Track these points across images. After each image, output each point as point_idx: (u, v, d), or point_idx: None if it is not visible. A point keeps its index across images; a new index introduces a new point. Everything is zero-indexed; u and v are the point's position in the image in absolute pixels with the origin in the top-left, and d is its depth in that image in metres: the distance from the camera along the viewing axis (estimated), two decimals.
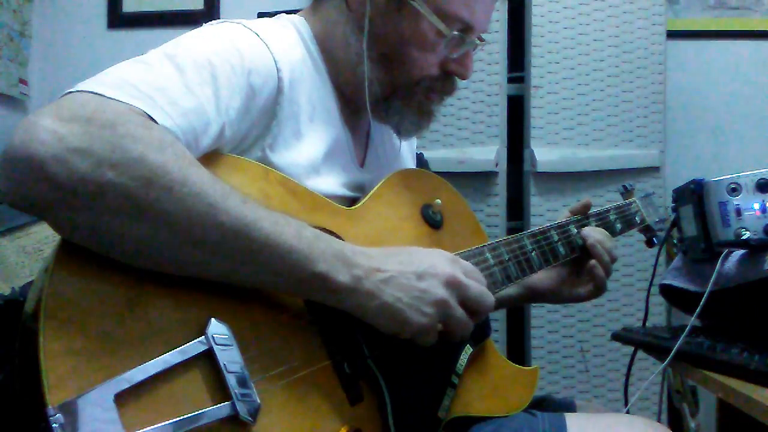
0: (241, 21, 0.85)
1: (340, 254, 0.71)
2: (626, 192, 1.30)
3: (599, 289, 1.11)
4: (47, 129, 0.58)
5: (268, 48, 0.82)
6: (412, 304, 0.73)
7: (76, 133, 0.59)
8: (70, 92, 0.64)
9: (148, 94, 0.67)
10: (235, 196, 0.66)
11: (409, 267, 0.75)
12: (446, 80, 0.93)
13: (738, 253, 1.04)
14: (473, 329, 0.81)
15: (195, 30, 0.82)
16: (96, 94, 0.64)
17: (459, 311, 0.77)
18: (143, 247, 0.62)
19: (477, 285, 0.79)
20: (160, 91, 0.68)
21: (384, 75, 0.90)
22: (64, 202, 0.59)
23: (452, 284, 0.76)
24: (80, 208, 0.59)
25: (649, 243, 1.32)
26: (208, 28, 0.83)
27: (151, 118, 0.65)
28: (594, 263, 1.09)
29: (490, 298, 0.80)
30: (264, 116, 0.82)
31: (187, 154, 0.66)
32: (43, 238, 1.44)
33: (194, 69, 0.73)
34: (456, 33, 0.88)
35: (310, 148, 0.87)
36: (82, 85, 0.65)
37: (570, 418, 0.89)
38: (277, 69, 0.82)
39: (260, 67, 0.80)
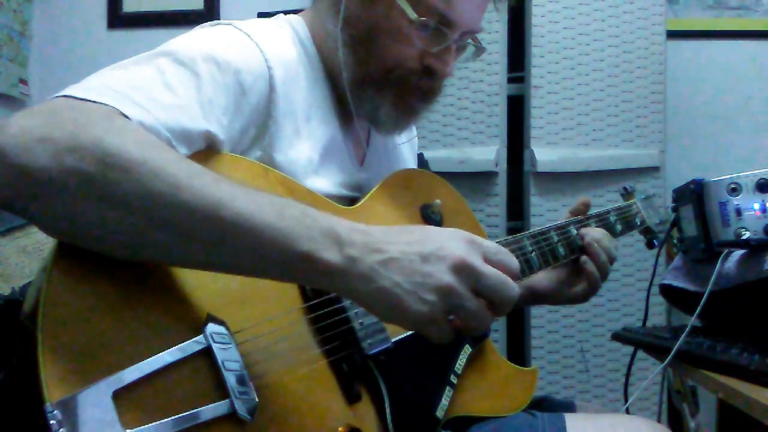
0: (233, 22, 0.85)
1: (330, 232, 0.64)
2: (627, 193, 1.30)
3: (593, 287, 1.10)
4: (15, 124, 0.59)
5: (259, 47, 0.82)
6: (411, 291, 0.64)
7: (39, 124, 0.60)
8: (48, 99, 0.65)
9: (124, 93, 0.67)
10: (205, 176, 0.62)
11: (415, 248, 0.65)
12: (427, 77, 0.90)
13: (738, 253, 1.04)
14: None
15: (185, 33, 0.82)
16: (69, 96, 0.65)
17: (471, 301, 0.66)
18: (113, 234, 0.61)
19: (495, 272, 0.67)
20: (137, 89, 0.68)
21: (355, 60, 0.88)
22: (31, 191, 0.59)
23: (462, 269, 0.65)
24: (47, 197, 0.59)
25: (650, 245, 1.32)
26: (198, 30, 0.83)
27: (125, 116, 0.65)
28: (585, 259, 1.09)
29: (511, 288, 0.67)
30: (259, 115, 0.82)
31: (152, 138, 0.64)
32: (43, 238, 1.44)
33: (175, 68, 0.73)
34: (424, 19, 0.85)
35: (308, 147, 0.87)
36: (60, 93, 0.66)
37: (570, 419, 0.89)
38: (268, 67, 0.82)
39: (250, 66, 0.80)
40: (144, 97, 0.68)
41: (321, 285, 0.67)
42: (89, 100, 0.64)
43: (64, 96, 0.65)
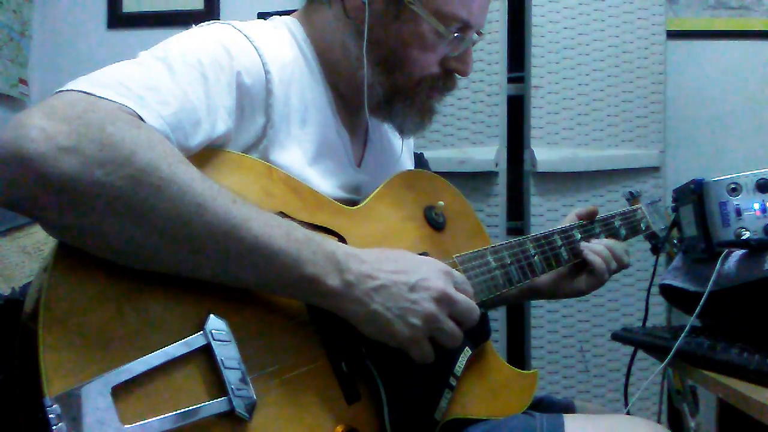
0: (231, 22, 0.85)
1: (331, 257, 0.71)
2: (632, 198, 1.30)
3: (596, 284, 1.12)
4: (36, 127, 0.58)
5: (257, 49, 0.82)
6: (399, 315, 0.74)
7: (65, 131, 0.58)
8: (61, 91, 0.64)
9: (138, 93, 0.67)
10: (224, 196, 0.65)
11: (402, 277, 0.75)
12: (447, 77, 0.94)
13: (738, 253, 1.04)
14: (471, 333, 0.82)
15: (184, 31, 0.82)
16: (86, 93, 0.63)
17: (449, 324, 0.77)
18: (133, 247, 0.62)
19: (465, 299, 0.79)
20: (150, 91, 0.68)
21: (385, 78, 0.90)
22: (53, 201, 0.58)
23: (443, 299, 0.76)
24: (69, 207, 0.59)
25: (654, 250, 1.31)
26: (197, 30, 0.83)
27: (141, 118, 0.65)
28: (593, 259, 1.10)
29: (476, 311, 0.80)
30: (258, 118, 0.82)
31: (176, 152, 0.65)
32: (43, 238, 1.44)
33: (184, 69, 0.73)
34: (454, 31, 0.88)
35: (304, 149, 0.87)
36: (72, 84, 0.64)
37: (568, 419, 0.89)
38: (266, 71, 0.82)
39: (249, 68, 0.81)
40: (157, 100, 0.68)
41: (319, 304, 0.73)
42: (108, 99, 0.64)
43: (81, 92, 0.63)
